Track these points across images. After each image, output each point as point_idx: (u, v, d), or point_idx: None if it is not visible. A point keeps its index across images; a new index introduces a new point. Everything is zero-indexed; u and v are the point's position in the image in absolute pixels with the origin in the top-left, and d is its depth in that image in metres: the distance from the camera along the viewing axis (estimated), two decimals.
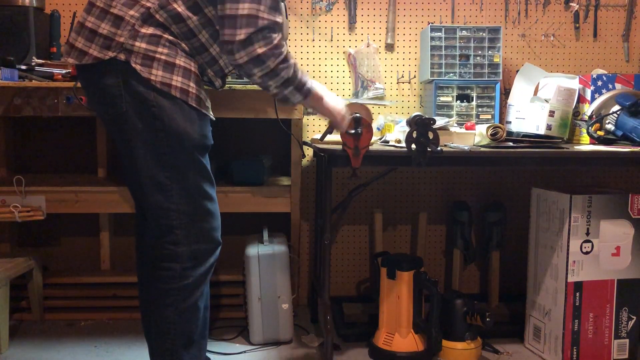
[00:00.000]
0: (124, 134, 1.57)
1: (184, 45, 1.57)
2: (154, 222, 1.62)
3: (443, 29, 2.53)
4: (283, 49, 1.57)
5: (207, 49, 1.62)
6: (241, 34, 1.50)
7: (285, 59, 1.58)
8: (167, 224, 1.59)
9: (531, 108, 2.38)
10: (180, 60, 1.55)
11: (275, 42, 1.54)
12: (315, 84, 1.72)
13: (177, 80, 1.53)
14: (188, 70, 1.56)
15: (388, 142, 2.25)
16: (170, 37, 1.54)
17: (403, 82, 2.76)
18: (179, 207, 1.59)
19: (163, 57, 1.52)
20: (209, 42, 1.61)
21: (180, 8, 1.53)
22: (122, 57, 1.50)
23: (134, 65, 1.50)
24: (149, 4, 1.52)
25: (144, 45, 1.51)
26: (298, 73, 1.64)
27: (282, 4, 1.60)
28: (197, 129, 1.59)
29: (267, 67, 1.55)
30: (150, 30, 1.52)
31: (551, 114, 2.33)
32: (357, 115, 1.86)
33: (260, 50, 1.52)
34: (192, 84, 1.57)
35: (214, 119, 1.67)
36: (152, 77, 1.51)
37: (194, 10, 1.56)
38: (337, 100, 1.82)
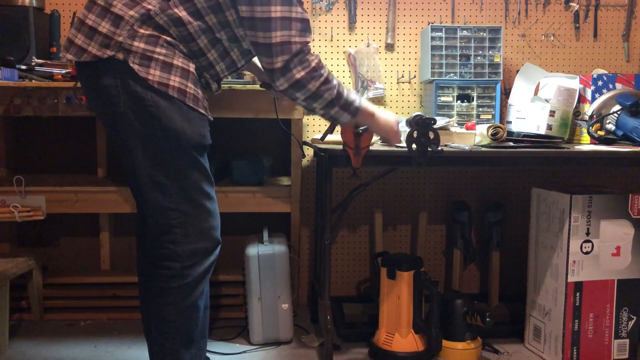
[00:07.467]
0: (122, 134, 1.57)
1: (182, 47, 1.57)
2: (153, 222, 1.62)
3: (443, 29, 2.53)
4: (323, 70, 1.59)
5: (205, 54, 1.62)
6: (278, 62, 1.53)
7: (327, 81, 1.60)
8: (166, 223, 1.59)
9: (532, 108, 2.38)
10: (178, 61, 1.55)
11: (313, 64, 1.57)
12: (364, 101, 1.74)
13: (174, 80, 1.53)
14: (186, 70, 1.56)
15: None
16: (169, 38, 1.54)
17: (403, 82, 2.76)
18: (178, 206, 1.59)
19: (161, 57, 1.52)
20: (207, 47, 1.61)
21: (181, 13, 1.53)
22: (120, 56, 1.51)
23: (131, 64, 1.50)
24: (149, 6, 1.52)
25: (142, 45, 1.51)
26: (343, 92, 1.65)
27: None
28: (195, 129, 1.58)
29: (309, 91, 1.58)
30: (148, 30, 1.52)
31: (552, 113, 2.34)
32: None
33: (298, 75, 1.55)
34: (189, 84, 1.56)
35: (212, 119, 1.67)
36: (150, 77, 1.51)
37: (195, 16, 1.56)
38: (388, 115, 1.84)
